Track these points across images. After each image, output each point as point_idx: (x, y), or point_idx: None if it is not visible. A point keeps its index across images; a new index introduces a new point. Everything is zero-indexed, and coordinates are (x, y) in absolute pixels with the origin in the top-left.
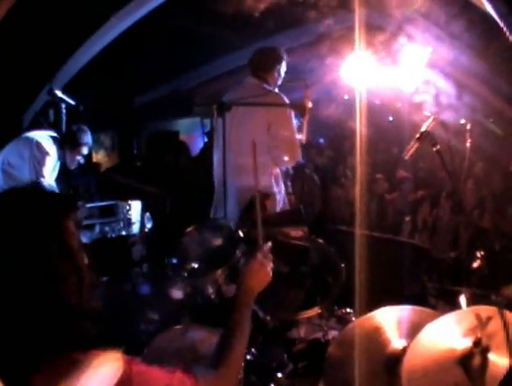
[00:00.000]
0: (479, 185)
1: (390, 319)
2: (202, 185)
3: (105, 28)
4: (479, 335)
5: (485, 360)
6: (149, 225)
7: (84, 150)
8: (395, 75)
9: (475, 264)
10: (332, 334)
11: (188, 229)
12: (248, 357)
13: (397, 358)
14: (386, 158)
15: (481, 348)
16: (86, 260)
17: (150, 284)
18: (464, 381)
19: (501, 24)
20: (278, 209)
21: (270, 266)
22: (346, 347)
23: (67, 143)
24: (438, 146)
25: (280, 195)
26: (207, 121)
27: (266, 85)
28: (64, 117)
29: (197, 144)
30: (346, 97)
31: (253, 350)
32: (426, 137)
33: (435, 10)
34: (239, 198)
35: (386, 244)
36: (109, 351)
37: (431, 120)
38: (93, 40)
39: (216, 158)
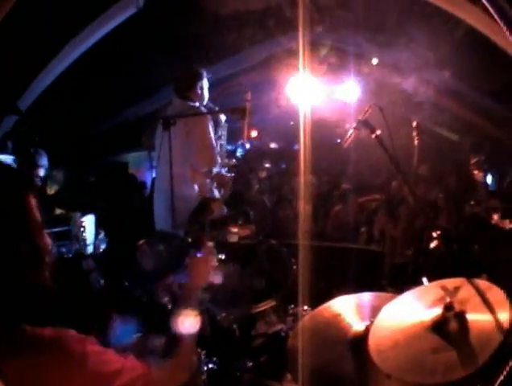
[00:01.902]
0: (427, 186)
1: (349, 306)
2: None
3: (56, 60)
4: (448, 300)
5: (463, 322)
6: (103, 246)
7: (41, 172)
8: (341, 93)
9: (432, 245)
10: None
11: (140, 242)
12: (211, 366)
13: (361, 338)
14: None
15: (454, 312)
16: (47, 240)
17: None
18: (443, 345)
19: (501, 24)
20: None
21: (213, 262)
22: (306, 337)
23: (25, 165)
24: (377, 132)
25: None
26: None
27: (190, 102)
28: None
29: (146, 177)
30: (292, 123)
31: (215, 359)
32: (364, 125)
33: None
34: (181, 205)
35: (341, 252)
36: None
37: (368, 108)
38: (45, 74)
39: (160, 170)
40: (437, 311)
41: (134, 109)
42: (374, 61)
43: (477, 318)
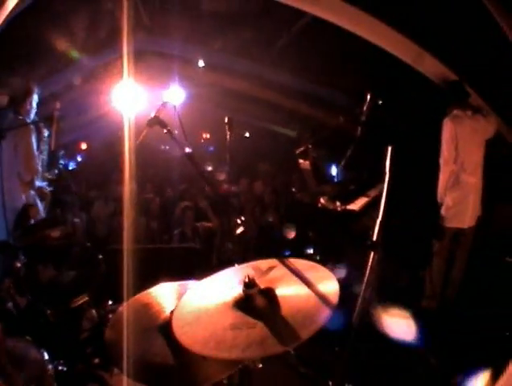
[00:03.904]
0: (265, 183)
1: (168, 292)
2: None
3: None
4: (247, 279)
5: (274, 299)
6: None
7: None
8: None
9: (238, 231)
10: None
11: None
12: (61, 368)
13: (170, 321)
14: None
15: (257, 289)
16: None
17: None
18: (245, 322)
19: (501, 24)
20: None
21: None
22: (120, 327)
23: None
24: (168, 128)
25: (41, 207)
26: None
27: (19, 116)
28: None
29: None
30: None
31: (62, 361)
32: (156, 121)
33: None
34: (13, 216)
35: (164, 251)
36: None
37: (161, 106)
38: None
39: None
40: (240, 289)
41: None
42: (200, 63)
43: (297, 294)
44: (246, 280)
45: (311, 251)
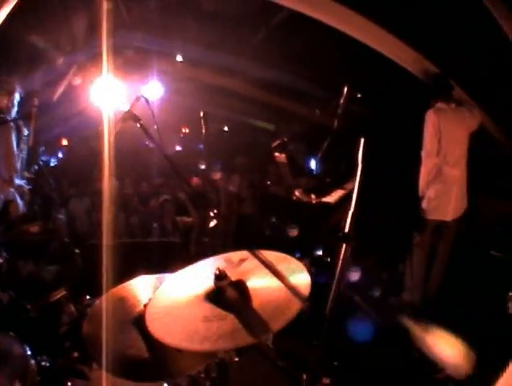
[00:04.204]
0: (242, 177)
1: (142, 286)
2: None
3: None
4: (218, 271)
5: (244, 291)
6: None
7: None
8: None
9: (211, 224)
10: None
11: None
12: (43, 363)
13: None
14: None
15: (228, 281)
16: None
17: None
18: (217, 314)
19: (502, 24)
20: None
21: None
22: (97, 321)
23: None
24: (141, 122)
25: (21, 205)
26: None
27: (1, 114)
28: None
29: None
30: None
31: (45, 357)
32: (129, 116)
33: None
34: None
35: (145, 246)
36: None
37: (135, 100)
38: None
39: None
40: (211, 282)
41: None
42: (179, 58)
43: (268, 286)
44: (217, 272)
45: (320, 252)
